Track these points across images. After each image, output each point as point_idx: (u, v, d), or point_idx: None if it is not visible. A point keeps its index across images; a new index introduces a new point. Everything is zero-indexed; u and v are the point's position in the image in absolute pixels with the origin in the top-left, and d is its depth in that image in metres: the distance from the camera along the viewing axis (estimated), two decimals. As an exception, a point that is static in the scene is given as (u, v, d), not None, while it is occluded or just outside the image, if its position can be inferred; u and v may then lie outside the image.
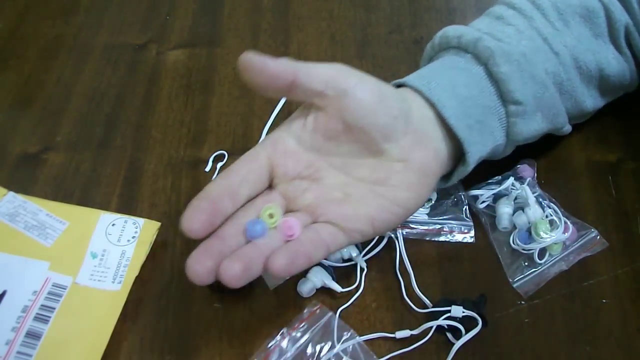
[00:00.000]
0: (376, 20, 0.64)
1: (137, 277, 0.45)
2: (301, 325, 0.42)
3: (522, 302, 0.44)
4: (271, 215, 0.38)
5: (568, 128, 0.48)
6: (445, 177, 0.44)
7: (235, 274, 0.34)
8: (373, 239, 0.46)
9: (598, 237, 0.46)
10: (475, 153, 0.42)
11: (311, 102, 0.38)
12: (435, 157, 0.41)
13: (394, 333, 0.43)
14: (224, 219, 0.37)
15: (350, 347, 0.42)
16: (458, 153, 0.43)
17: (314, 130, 0.39)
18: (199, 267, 0.35)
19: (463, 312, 0.42)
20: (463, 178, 0.44)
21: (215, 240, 0.36)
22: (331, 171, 0.39)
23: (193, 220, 0.35)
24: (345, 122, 0.38)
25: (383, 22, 0.64)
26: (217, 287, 0.45)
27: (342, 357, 0.41)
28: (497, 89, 0.43)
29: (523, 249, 0.46)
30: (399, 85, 0.44)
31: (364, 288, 0.45)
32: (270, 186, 0.40)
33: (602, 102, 0.49)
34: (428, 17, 0.64)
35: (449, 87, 0.42)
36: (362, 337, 0.42)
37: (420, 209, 0.47)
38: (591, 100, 0.47)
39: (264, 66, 0.36)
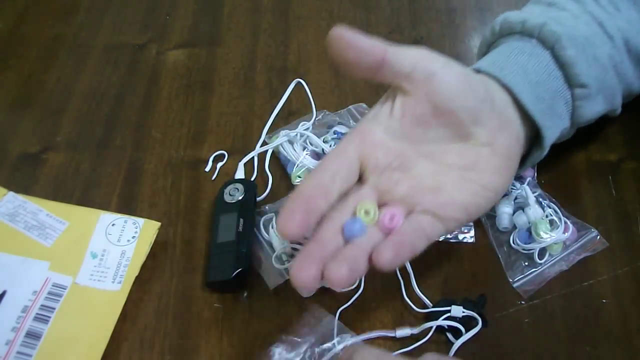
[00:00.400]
0: (376, 20, 0.64)
1: (137, 277, 0.45)
2: (301, 329, 0.42)
3: (522, 302, 0.44)
4: (367, 212, 0.37)
5: (619, 110, 0.48)
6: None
7: (342, 276, 0.34)
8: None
9: (598, 237, 0.46)
10: (551, 137, 0.43)
11: (397, 85, 0.38)
12: (517, 141, 0.41)
13: (394, 332, 0.43)
14: (319, 218, 0.36)
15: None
16: (530, 138, 0.43)
17: (402, 117, 0.38)
18: (305, 274, 0.34)
19: (463, 312, 0.42)
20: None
21: (315, 245, 0.36)
22: (420, 159, 0.39)
23: (288, 222, 0.35)
24: (435, 105, 0.37)
25: (383, 22, 0.64)
26: (217, 287, 0.45)
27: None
28: (563, 73, 0.43)
29: (523, 249, 0.46)
30: None
31: (364, 288, 0.45)
32: (361, 180, 0.39)
33: None
34: (428, 17, 0.64)
35: (521, 73, 0.42)
36: (362, 336, 0.42)
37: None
38: (638, 82, 0.48)
39: (355, 41, 0.36)
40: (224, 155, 0.53)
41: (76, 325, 0.43)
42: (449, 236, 0.47)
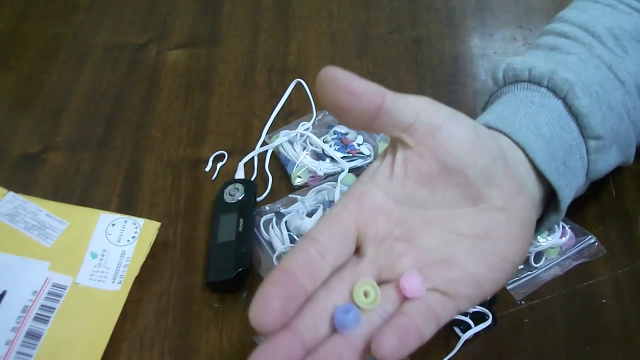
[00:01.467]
0: (376, 20, 0.64)
1: (137, 277, 0.45)
2: None
3: (522, 302, 0.44)
4: (367, 294, 0.31)
5: (632, 160, 0.45)
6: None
7: None
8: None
9: (596, 243, 0.46)
10: (567, 198, 0.39)
11: (397, 138, 0.33)
12: (532, 204, 0.37)
13: None
14: (303, 302, 0.30)
15: None
16: (545, 200, 0.40)
17: (404, 177, 0.33)
18: None
19: (474, 307, 0.42)
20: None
21: (288, 336, 0.29)
22: (427, 227, 0.34)
23: (263, 311, 0.28)
24: (441, 162, 0.32)
25: (383, 22, 0.64)
26: (217, 287, 0.45)
27: None
28: (577, 124, 0.40)
29: (521, 251, 0.45)
30: None
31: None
32: (358, 251, 0.33)
33: None
34: (428, 17, 0.64)
35: (533, 128, 0.38)
36: None
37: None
38: None
39: (350, 83, 0.31)
40: (224, 155, 0.53)
41: (76, 325, 0.43)
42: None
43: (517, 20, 0.64)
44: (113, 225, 0.47)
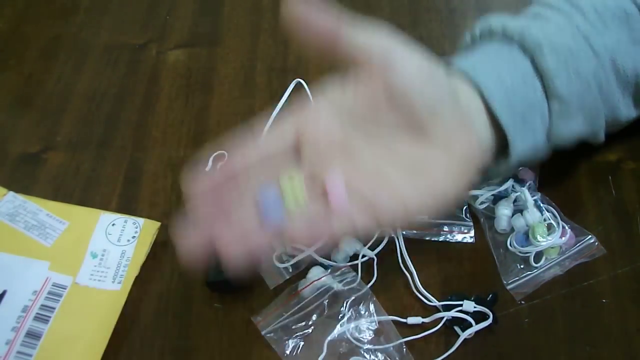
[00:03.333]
0: (376, 20, 0.64)
1: (137, 277, 0.45)
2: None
3: (522, 302, 0.44)
4: (291, 180, 0.35)
5: (602, 136, 0.45)
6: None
7: (236, 256, 0.34)
8: (373, 236, 0.46)
9: (596, 243, 0.46)
10: (519, 148, 0.40)
11: (354, 64, 0.36)
12: (478, 147, 0.38)
13: (405, 318, 0.43)
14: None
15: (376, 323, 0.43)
16: (498, 148, 0.40)
17: (354, 98, 0.36)
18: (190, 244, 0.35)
19: (475, 307, 0.42)
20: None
21: (227, 228, 0.35)
22: (366, 148, 0.36)
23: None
24: (391, 91, 0.35)
25: (383, 22, 0.64)
26: (217, 287, 0.45)
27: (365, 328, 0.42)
28: (542, 84, 0.40)
29: (520, 252, 0.45)
30: None
31: (375, 279, 0.45)
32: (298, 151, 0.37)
33: (635, 114, 0.46)
34: (428, 17, 0.64)
35: (494, 74, 0.40)
36: (376, 317, 0.43)
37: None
38: (625, 109, 0.44)
39: (309, 21, 0.36)
40: (224, 155, 0.53)
41: (76, 325, 0.43)
42: (449, 236, 0.47)
43: (517, 20, 0.64)
44: (113, 225, 0.47)
